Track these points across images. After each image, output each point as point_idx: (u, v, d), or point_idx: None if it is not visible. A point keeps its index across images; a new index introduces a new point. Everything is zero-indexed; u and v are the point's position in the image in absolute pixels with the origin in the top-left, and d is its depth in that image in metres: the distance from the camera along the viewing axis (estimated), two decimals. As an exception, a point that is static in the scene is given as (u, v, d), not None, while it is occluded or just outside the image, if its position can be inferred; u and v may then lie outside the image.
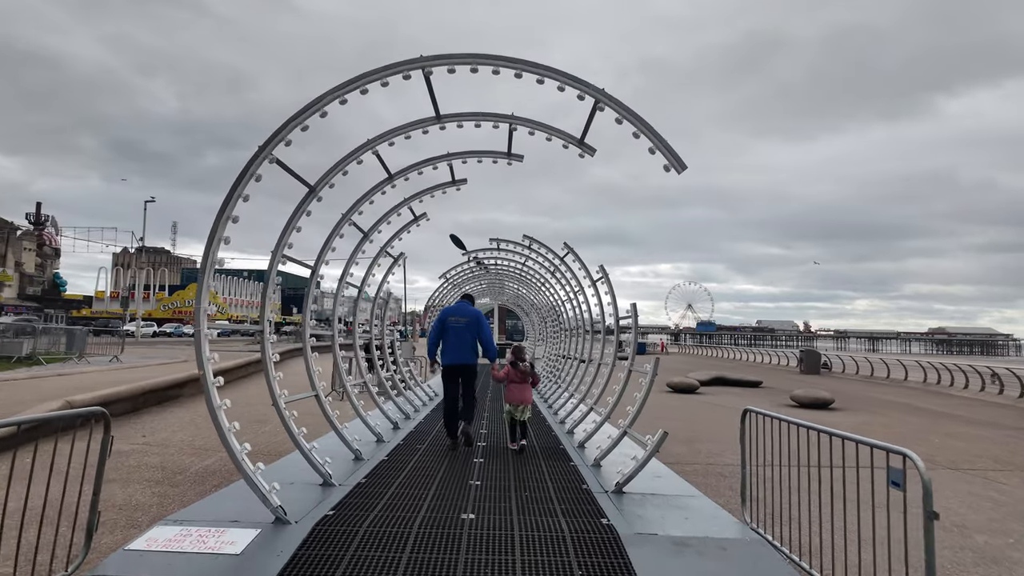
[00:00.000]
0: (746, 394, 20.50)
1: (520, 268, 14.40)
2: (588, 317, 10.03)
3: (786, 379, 27.76)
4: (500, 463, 6.19)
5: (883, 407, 17.19)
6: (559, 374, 14.04)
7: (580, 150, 4.97)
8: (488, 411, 10.46)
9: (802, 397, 16.41)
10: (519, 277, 16.17)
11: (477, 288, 20.22)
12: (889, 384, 26.66)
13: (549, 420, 9.47)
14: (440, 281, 14.24)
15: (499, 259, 13.13)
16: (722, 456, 8.97)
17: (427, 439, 7.70)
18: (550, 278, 11.91)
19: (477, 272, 16.29)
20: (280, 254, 4.84)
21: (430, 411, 10.51)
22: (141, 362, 22.27)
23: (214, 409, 3.86)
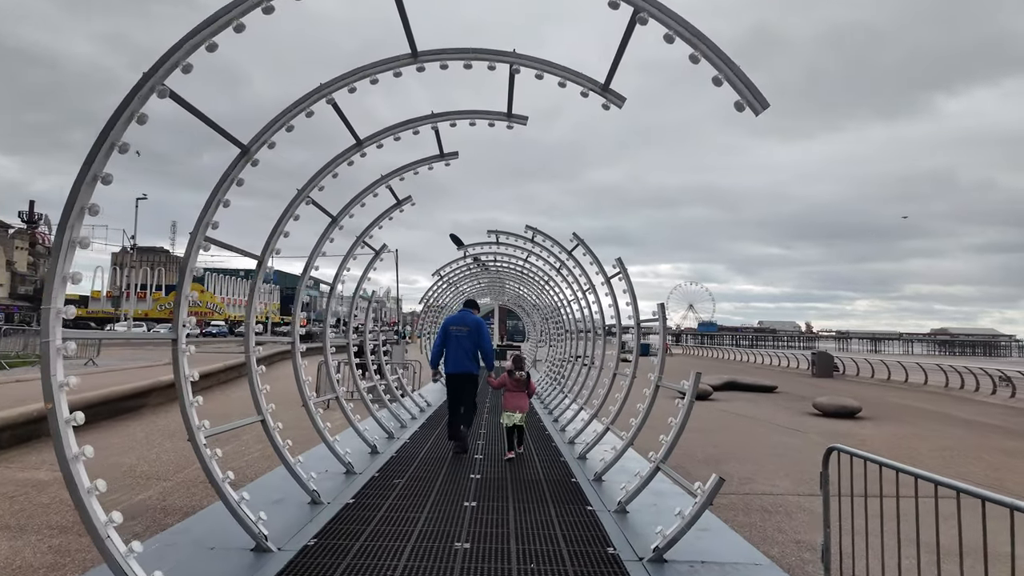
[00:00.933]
0: (761, 400, 19.24)
1: (521, 266, 13.17)
2: (599, 318, 8.77)
3: (799, 383, 26.49)
4: (498, 490, 5.44)
5: (914, 416, 15.90)
6: (564, 381, 12.78)
7: (604, 99, 3.70)
8: (485, 426, 9.19)
9: (827, 405, 15.13)
10: (520, 276, 14.92)
11: (476, 288, 19.00)
12: (908, 388, 25.38)
13: (556, 438, 8.19)
14: (435, 279, 12.97)
15: (498, 255, 11.87)
16: (756, 482, 7.70)
17: (415, 461, 6.48)
18: (555, 275, 10.64)
19: (475, 270, 15.04)
20: (201, 236, 3.57)
21: (421, 424, 9.24)
22: (119, 365, 21.00)
23: (67, 461, 2.57)
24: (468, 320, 7.13)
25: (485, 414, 10.61)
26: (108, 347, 31.86)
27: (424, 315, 15.76)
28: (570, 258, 8.52)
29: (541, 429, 9.06)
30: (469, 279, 15.32)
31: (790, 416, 14.86)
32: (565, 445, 7.68)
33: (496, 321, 40.15)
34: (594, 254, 7.52)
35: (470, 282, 16.20)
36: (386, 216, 6.49)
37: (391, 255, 12.01)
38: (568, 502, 5.03)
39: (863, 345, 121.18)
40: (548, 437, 8.35)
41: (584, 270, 8.48)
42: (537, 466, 6.41)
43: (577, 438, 7.68)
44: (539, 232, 8.69)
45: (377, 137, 4.64)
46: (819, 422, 13.77)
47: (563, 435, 8.38)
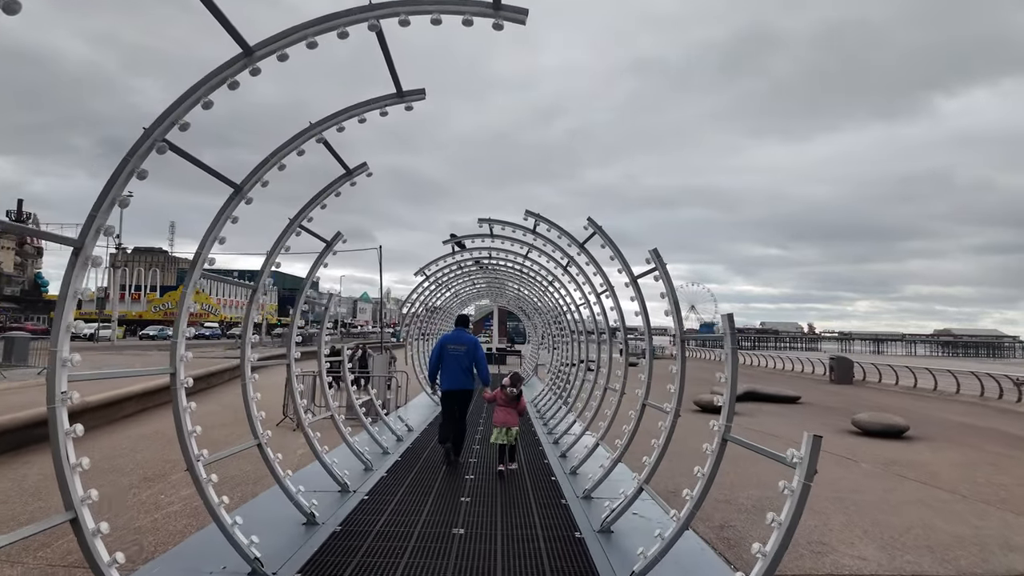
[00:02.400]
0: (787, 413, 17.40)
1: (521, 264, 11.36)
2: (618, 323, 6.95)
3: (820, 391, 24.66)
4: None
5: (967, 434, 14.03)
6: (567, 392, 10.97)
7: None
8: (476, 455, 7.37)
9: (869, 424, 13.28)
10: (520, 276, 13.10)
11: (472, 291, 17.21)
12: (938, 398, 23.52)
13: (565, 487, 6.32)
14: (419, 279, 11.12)
15: (493, 250, 10.05)
16: (834, 550, 5.87)
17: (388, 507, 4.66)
18: (561, 275, 8.83)
19: (470, 269, 13.23)
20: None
21: (403, 451, 7.42)
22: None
23: None
24: (464, 339, 7.43)
25: (478, 435, 8.85)
26: (98, 352, 30.09)
27: (411, 321, 13.91)
28: (581, 252, 6.68)
29: (545, 466, 7.23)
30: (461, 278, 13.49)
31: (828, 436, 13.01)
32: (580, 504, 5.80)
33: (495, 323, 38.50)
34: (615, 245, 5.70)
35: (462, 282, 14.35)
36: (331, 191, 4.68)
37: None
38: None
39: (865, 346, 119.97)
40: (555, 483, 6.49)
41: (598, 268, 6.66)
42: (544, 559, 4.52)
43: (594, 492, 5.82)
44: (542, 219, 6.86)
45: (278, 41, 2.82)
46: (865, 445, 11.93)
47: (573, 479, 6.55)
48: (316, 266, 5.72)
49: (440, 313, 19.85)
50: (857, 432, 13.32)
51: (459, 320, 7.94)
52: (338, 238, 5.70)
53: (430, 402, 13.02)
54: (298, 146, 3.84)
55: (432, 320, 19.18)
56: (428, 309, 15.99)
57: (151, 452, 8.59)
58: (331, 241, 5.66)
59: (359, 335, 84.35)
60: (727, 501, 7.31)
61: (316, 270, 5.73)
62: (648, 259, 4.77)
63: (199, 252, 3.80)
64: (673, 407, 4.52)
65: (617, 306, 6.61)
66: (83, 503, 2.78)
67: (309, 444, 5.63)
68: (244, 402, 4.85)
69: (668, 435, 4.55)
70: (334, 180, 4.71)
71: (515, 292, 17.59)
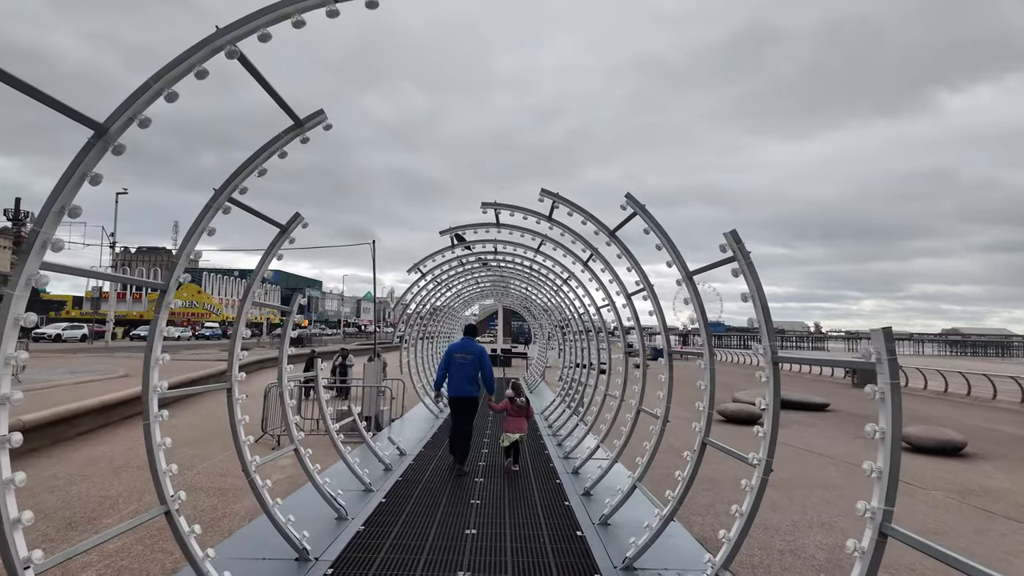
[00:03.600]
0: (819, 423, 15.95)
1: (531, 262, 9.99)
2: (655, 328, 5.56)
3: (846, 397, 23.18)
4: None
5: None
6: (578, 402, 9.61)
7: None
8: (483, 474, 5.98)
9: (921, 439, 11.82)
10: (528, 275, 11.73)
11: (475, 290, 15.86)
12: (973, 403, 22.02)
13: (583, 521, 4.94)
14: (414, 276, 9.70)
15: (499, 243, 8.67)
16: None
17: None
18: (580, 271, 7.45)
19: (473, 266, 11.85)
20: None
21: (393, 484, 6.02)
22: (55, 378, 17.88)
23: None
24: (471, 348, 7.54)
25: (484, 448, 7.53)
26: (48, 357, 28.94)
27: (410, 321, 12.50)
28: (611, 240, 5.27)
29: (555, 489, 5.84)
30: (463, 276, 12.10)
31: (871, 452, 11.58)
32: (601, 539, 4.43)
33: (500, 323, 37.18)
34: (663, 232, 4.31)
35: (464, 280, 12.98)
36: (274, 149, 3.30)
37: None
38: None
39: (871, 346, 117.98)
40: (571, 515, 5.10)
41: (634, 262, 5.25)
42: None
43: (619, 525, 4.43)
44: (562, 200, 5.46)
45: None
46: (923, 465, 10.48)
47: (589, 503, 5.15)
48: (269, 256, 4.36)
49: (442, 314, 18.49)
50: (907, 448, 11.86)
51: (467, 329, 8.08)
52: (297, 221, 4.32)
53: (429, 415, 11.65)
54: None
55: (434, 321, 17.80)
56: (432, 309, 14.67)
57: (91, 484, 7.24)
58: (286, 226, 4.28)
59: (360, 335, 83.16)
60: (796, 551, 5.90)
61: (268, 261, 4.37)
62: (724, 245, 3.38)
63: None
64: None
65: (657, 308, 5.20)
66: None
67: (262, 505, 4.26)
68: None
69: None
70: (279, 134, 3.33)
71: (522, 291, 16.26)
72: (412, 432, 10.04)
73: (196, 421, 12.33)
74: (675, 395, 4.99)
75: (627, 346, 6.81)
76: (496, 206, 6.46)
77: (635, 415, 5.75)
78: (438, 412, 12.10)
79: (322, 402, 6.11)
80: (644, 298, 5.33)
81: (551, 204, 5.81)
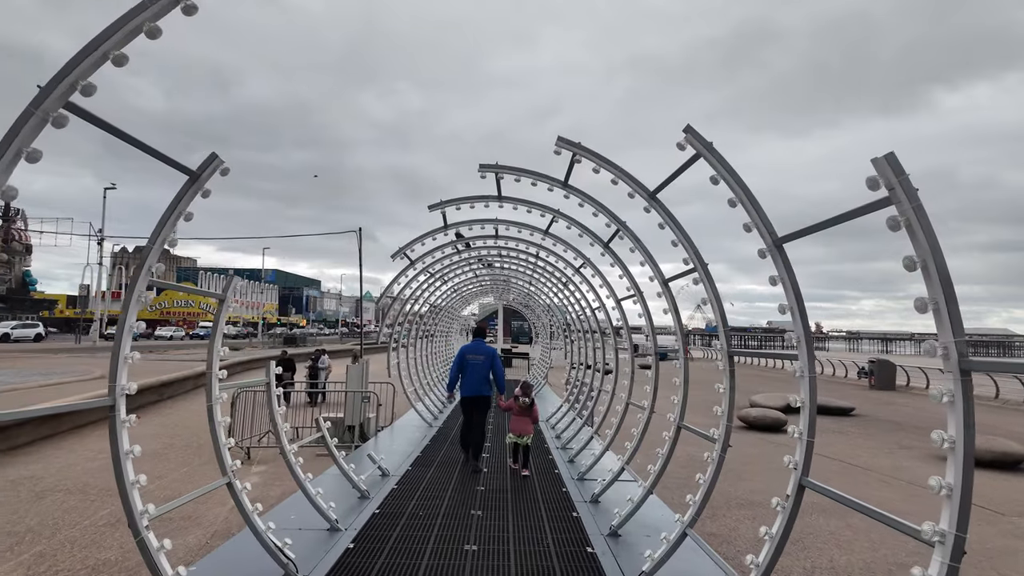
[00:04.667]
0: (844, 428, 14.65)
1: (538, 248, 8.70)
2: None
3: (864, 399, 21.85)
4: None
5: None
6: (591, 406, 8.33)
7: None
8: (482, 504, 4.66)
9: (977, 451, 10.47)
10: (533, 269, 10.45)
11: (474, 284, 14.61)
12: (1003, 407, 20.69)
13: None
14: (404, 264, 8.28)
15: (499, 223, 7.35)
16: None
17: None
18: (602, 258, 6.14)
19: (471, 261, 10.56)
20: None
21: (355, 537, 4.68)
22: (19, 382, 16.57)
23: None
24: (483, 350, 7.70)
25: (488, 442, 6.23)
26: (23, 358, 27.63)
27: (397, 319, 11.12)
28: (651, 206, 3.96)
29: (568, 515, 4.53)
30: (460, 267, 10.76)
31: (918, 465, 10.30)
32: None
33: (500, 322, 36.00)
34: (752, 199, 3.00)
35: (462, 274, 11.66)
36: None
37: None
38: None
39: (873, 346, 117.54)
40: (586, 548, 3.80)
41: (685, 236, 3.93)
42: None
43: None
44: (584, 151, 4.15)
45: None
46: (983, 481, 9.16)
47: (604, 520, 3.87)
48: (173, 213, 3.03)
49: (440, 313, 17.20)
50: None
51: (477, 331, 8.23)
52: (212, 166, 3.00)
53: (421, 423, 10.34)
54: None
55: (432, 320, 16.51)
56: (430, 308, 13.42)
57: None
58: (197, 172, 2.96)
59: (352, 335, 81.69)
60: None
61: (174, 219, 3.04)
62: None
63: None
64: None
65: (673, 308, 3.90)
66: None
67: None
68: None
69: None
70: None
71: (524, 289, 15.01)
72: (401, 444, 8.72)
73: (159, 430, 11.02)
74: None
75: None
76: (498, 169, 5.13)
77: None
78: (432, 419, 10.79)
79: (275, 415, 4.79)
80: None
81: (569, 162, 4.49)
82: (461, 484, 6.42)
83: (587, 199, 5.04)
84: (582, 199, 5.07)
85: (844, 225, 2.44)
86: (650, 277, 4.98)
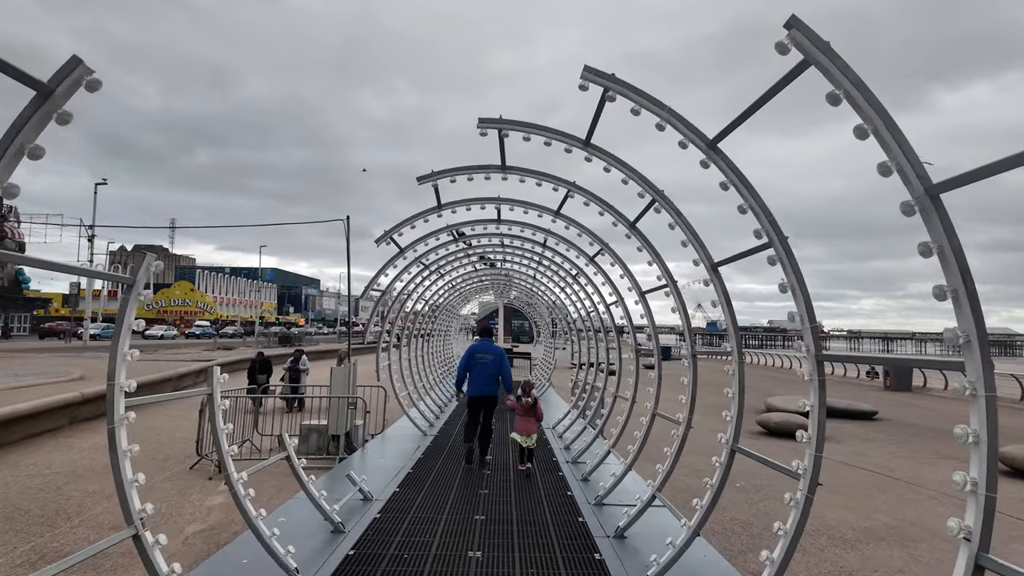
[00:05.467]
0: (874, 434, 13.64)
1: (544, 240, 7.70)
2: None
3: (883, 401, 20.83)
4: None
5: None
6: (605, 414, 7.35)
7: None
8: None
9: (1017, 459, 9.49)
10: (540, 259, 9.46)
11: (472, 279, 13.69)
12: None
13: None
14: (389, 249, 7.14)
15: (502, 202, 6.30)
16: None
17: None
18: (624, 236, 5.11)
19: (468, 253, 9.52)
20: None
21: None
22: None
23: None
24: (492, 349, 7.81)
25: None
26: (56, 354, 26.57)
27: (387, 317, 10.07)
28: (710, 156, 2.91)
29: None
30: (457, 257, 9.70)
31: (951, 470, 9.25)
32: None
33: (500, 321, 35.07)
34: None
35: (459, 260, 10.61)
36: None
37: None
38: None
39: (875, 345, 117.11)
40: None
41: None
42: None
43: None
44: (617, 83, 3.11)
45: None
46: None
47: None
48: (18, 140, 1.96)
49: (439, 312, 16.25)
50: (1007, 471, 9.56)
51: (484, 331, 8.28)
52: (76, 73, 1.95)
53: (415, 432, 9.32)
54: None
55: (434, 318, 15.57)
56: (427, 307, 12.61)
57: None
58: (50, 86, 1.91)
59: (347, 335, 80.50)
60: None
61: (18, 149, 1.97)
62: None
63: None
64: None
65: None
66: None
67: None
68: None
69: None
70: None
71: (527, 284, 14.07)
72: (390, 457, 7.69)
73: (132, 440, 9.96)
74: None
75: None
76: (502, 125, 4.08)
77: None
78: (426, 427, 9.76)
79: (219, 435, 3.77)
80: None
81: (597, 107, 3.45)
82: (457, 511, 5.39)
83: (615, 162, 4.00)
84: (609, 162, 4.03)
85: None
86: (694, 261, 3.96)
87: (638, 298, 5.78)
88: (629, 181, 4.07)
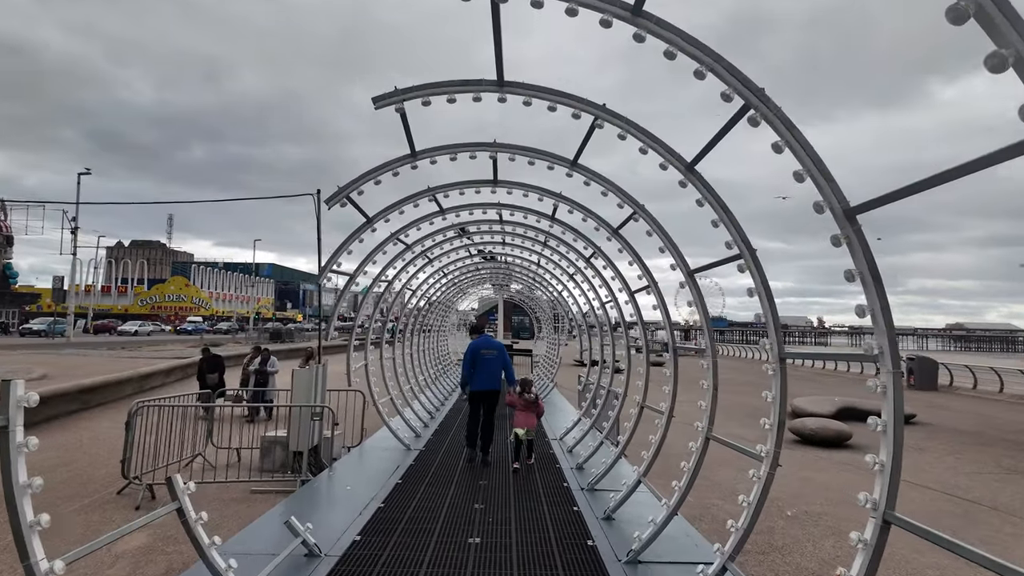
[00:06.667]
0: (921, 442, 12.12)
1: (551, 215, 6.19)
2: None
3: (910, 401, 19.31)
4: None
5: None
6: (610, 407, 5.88)
7: None
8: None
9: None
10: (542, 245, 8.02)
11: (476, 277, 12.56)
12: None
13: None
14: (377, 230, 5.58)
15: (504, 208, 4.76)
16: None
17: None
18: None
19: (468, 248, 8.05)
20: None
21: None
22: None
23: None
24: (493, 344, 8.03)
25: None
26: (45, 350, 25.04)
27: (360, 306, 8.51)
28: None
29: None
30: (447, 238, 8.15)
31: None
32: None
33: (500, 317, 33.65)
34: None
35: (452, 250, 9.11)
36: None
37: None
38: None
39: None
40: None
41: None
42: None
43: None
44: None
45: None
46: None
47: None
48: None
49: (437, 307, 14.88)
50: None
51: (478, 328, 8.72)
52: None
53: (397, 446, 7.83)
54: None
55: (430, 312, 14.22)
56: (424, 301, 11.51)
57: None
58: None
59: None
60: None
61: None
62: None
63: None
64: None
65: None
66: None
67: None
68: None
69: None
70: None
71: (528, 277, 12.81)
72: (361, 483, 6.17)
73: (59, 453, 8.44)
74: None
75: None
76: (503, 88, 2.54)
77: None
78: (411, 439, 8.27)
79: (17, 497, 2.23)
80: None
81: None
82: (438, 563, 3.88)
83: (634, 129, 2.49)
84: (624, 128, 2.54)
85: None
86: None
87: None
88: (648, 149, 2.65)
